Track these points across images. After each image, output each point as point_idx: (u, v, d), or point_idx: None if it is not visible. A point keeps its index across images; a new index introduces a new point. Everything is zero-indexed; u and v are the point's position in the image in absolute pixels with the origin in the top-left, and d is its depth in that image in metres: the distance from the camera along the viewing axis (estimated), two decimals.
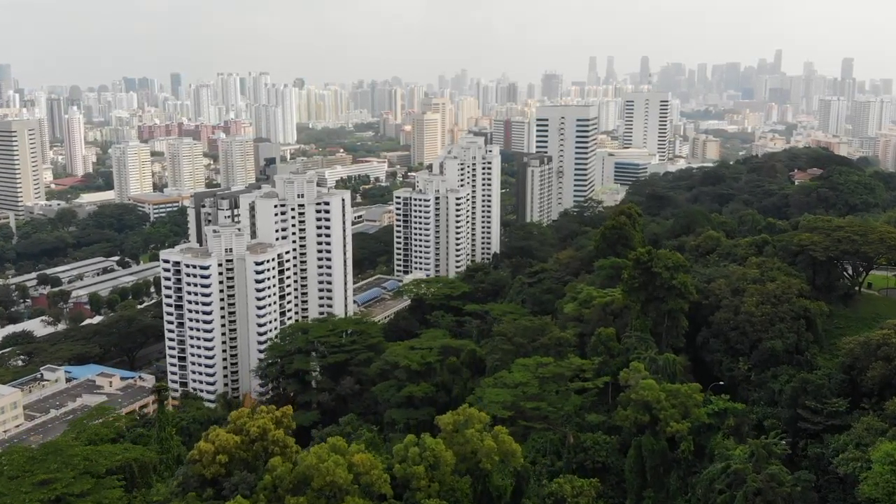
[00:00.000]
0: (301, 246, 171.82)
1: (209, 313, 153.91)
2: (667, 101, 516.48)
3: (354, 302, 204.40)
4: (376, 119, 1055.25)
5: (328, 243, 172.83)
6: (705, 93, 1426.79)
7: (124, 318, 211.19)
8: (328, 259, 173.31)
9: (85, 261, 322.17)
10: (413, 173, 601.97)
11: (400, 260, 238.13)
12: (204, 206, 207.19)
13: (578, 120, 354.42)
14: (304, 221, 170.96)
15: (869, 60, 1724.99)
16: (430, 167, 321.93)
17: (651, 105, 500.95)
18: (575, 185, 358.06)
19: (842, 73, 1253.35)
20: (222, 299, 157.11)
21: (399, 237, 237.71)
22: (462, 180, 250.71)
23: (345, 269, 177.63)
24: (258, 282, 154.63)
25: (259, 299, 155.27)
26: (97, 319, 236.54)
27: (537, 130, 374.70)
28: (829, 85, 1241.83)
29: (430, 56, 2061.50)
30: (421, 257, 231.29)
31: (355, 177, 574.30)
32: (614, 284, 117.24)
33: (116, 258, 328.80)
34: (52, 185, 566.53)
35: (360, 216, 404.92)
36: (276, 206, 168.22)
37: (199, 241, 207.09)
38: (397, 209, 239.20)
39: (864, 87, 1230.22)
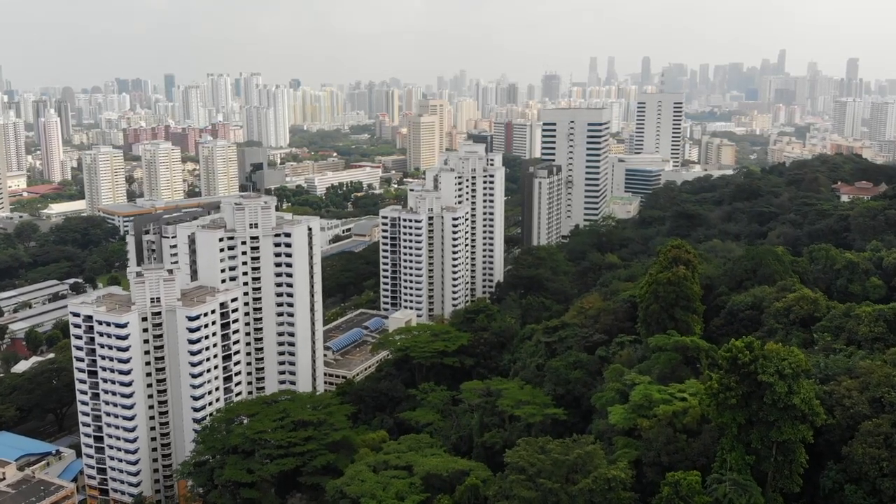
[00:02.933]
0: (255, 290, 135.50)
1: (128, 384, 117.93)
2: (681, 104, 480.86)
3: (329, 348, 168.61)
4: (373, 121, 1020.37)
5: (290, 285, 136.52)
6: (708, 94, 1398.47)
7: (53, 367, 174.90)
8: (290, 306, 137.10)
9: (35, 284, 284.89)
10: (409, 179, 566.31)
11: (387, 292, 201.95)
12: (147, 233, 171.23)
13: (590, 124, 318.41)
14: (258, 258, 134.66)
15: (872, 61, 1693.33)
16: (425, 173, 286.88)
17: (664, 107, 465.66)
18: (586, 197, 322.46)
19: (847, 74, 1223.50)
20: (148, 363, 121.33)
21: (386, 265, 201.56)
22: (460, 196, 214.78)
23: (312, 316, 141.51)
24: (193, 342, 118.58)
25: (194, 365, 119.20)
26: (32, 362, 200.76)
27: (543, 135, 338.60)
28: (836, 86, 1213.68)
29: (429, 57, 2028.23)
30: (411, 290, 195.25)
31: (347, 183, 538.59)
32: (679, 375, 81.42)
33: (72, 281, 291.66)
34: (25, 194, 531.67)
35: (348, 230, 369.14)
36: (221, 240, 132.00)
37: None
38: (384, 231, 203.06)
39: (869, 87, 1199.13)
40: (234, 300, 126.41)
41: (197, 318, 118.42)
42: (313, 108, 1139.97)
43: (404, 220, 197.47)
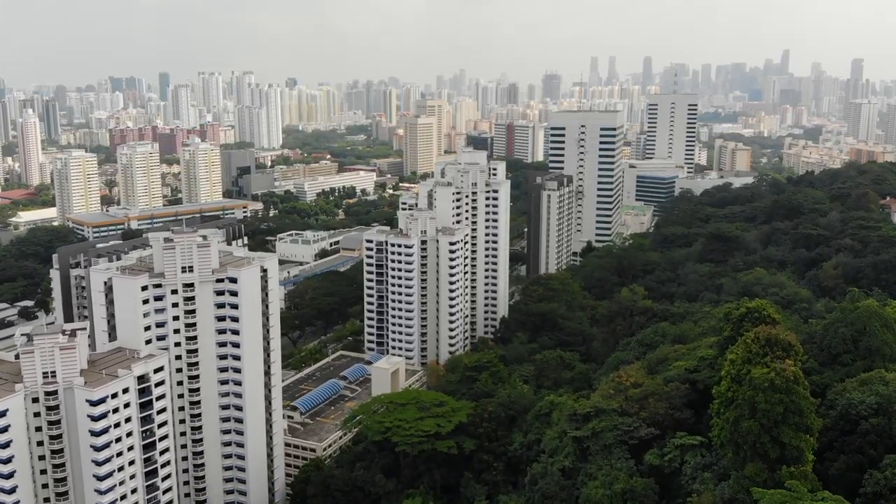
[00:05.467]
0: (190, 352, 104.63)
1: (10, 491, 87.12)
2: (695, 105, 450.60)
3: (296, 408, 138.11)
4: (370, 122, 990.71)
5: (236, 345, 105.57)
6: (710, 94, 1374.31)
7: None
8: (236, 371, 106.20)
9: None
10: (405, 184, 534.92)
11: (372, 330, 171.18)
12: (76, 266, 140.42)
13: (602, 129, 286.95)
14: (193, 312, 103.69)
15: (876, 61, 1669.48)
16: (424, 176, 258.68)
17: (677, 109, 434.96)
18: (598, 209, 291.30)
19: (851, 74, 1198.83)
20: (42, 457, 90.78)
21: (371, 297, 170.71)
22: (458, 216, 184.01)
23: (267, 381, 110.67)
24: (96, 433, 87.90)
25: (99, 463, 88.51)
26: None
27: (551, 141, 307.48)
28: (841, 86, 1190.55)
29: (428, 56, 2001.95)
30: (400, 331, 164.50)
31: (339, 189, 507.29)
32: None
33: (24, 304, 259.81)
34: None
35: (336, 243, 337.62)
36: (145, 288, 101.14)
37: (70, 319, 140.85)
38: (368, 258, 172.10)
39: (874, 88, 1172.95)
40: (157, 370, 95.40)
41: (102, 401, 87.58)
42: (310, 108, 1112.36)
43: (392, 246, 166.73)
